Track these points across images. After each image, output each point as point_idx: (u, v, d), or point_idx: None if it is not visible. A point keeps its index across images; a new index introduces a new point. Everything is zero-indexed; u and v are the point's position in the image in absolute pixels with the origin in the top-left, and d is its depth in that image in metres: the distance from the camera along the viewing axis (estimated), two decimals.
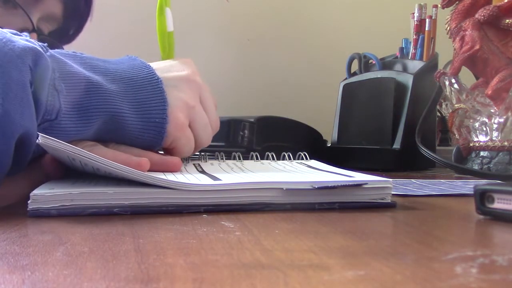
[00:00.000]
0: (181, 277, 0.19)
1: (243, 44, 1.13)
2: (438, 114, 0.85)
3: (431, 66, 0.78)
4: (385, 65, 0.83)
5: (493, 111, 0.64)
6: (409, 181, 0.54)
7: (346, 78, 0.86)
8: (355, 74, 0.86)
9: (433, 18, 0.81)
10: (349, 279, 0.19)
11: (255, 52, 1.14)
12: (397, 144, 0.74)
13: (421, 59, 0.80)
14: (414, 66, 0.79)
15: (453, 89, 0.68)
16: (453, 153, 0.70)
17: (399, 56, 0.83)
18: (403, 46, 0.84)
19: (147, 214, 0.32)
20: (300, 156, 0.53)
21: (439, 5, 0.74)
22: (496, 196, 0.31)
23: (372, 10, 1.17)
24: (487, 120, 0.65)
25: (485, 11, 0.65)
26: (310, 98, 1.11)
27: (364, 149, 0.77)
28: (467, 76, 0.72)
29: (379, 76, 0.80)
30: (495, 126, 0.64)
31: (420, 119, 0.71)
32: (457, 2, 0.69)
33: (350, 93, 0.84)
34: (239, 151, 0.54)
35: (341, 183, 0.35)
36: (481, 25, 0.65)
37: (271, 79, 1.13)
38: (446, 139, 0.94)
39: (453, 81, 0.68)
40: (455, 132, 0.70)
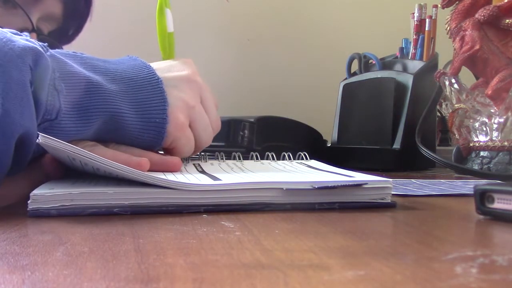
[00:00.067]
0: (181, 277, 0.19)
1: (243, 44, 1.13)
2: (438, 114, 0.85)
3: (431, 66, 0.78)
4: (385, 65, 0.83)
5: (493, 111, 0.64)
6: (409, 181, 0.54)
7: (346, 78, 0.86)
8: (355, 74, 0.86)
9: (433, 18, 0.81)
10: (349, 279, 0.19)
11: (255, 52, 1.14)
12: (397, 144, 0.74)
13: (421, 59, 0.80)
14: (414, 66, 0.79)
15: (453, 89, 0.68)
16: (453, 153, 0.70)
17: (399, 56, 0.83)
18: (403, 46, 0.84)
19: (147, 214, 0.32)
20: (300, 156, 0.53)
21: (439, 5, 0.74)
22: (496, 196, 0.31)
23: (372, 10, 1.17)
24: (487, 120, 0.65)
25: (485, 11, 0.65)
26: (310, 98, 1.11)
27: (364, 149, 0.77)
28: (467, 76, 0.72)
29: (379, 76, 0.80)
30: (495, 126, 0.64)
31: (420, 119, 0.71)
32: (457, 2, 0.69)
33: (350, 93, 0.84)
34: (239, 151, 0.54)
35: (341, 183, 0.35)
36: (481, 25, 0.65)
37: (271, 79, 1.13)
38: (446, 139, 0.94)
39: (453, 81, 0.68)
40: (455, 132, 0.70)
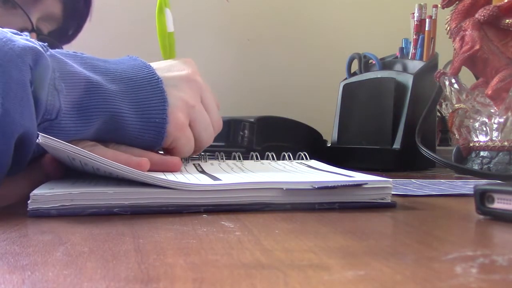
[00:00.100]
0: (181, 277, 0.19)
1: (243, 44, 1.13)
2: (438, 114, 0.85)
3: (431, 66, 0.78)
4: (385, 65, 0.83)
5: (493, 111, 0.64)
6: (409, 181, 0.54)
7: (346, 78, 0.86)
8: (355, 74, 0.86)
9: (433, 18, 0.81)
10: (349, 279, 0.19)
11: (255, 52, 1.14)
12: (397, 144, 0.74)
13: (421, 59, 0.80)
14: (414, 66, 0.79)
15: (453, 89, 0.68)
16: (453, 153, 0.70)
17: (399, 56, 0.83)
18: (403, 46, 0.84)
19: (147, 214, 0.32)
20: (300, 156, 0.53)
21: (439, 5, 0.74)
22: (496, 196, 0.31)
23: (372, 10, 1.17)
24: (487, 120, 0.65)
25: (485, 11, 0.65)
26: (310, 98, 1.11)
27: (364, 149, 0.77)
28: (467, 76, 0.72)
29: (379, 76, 0.80)
30: (495, 126, 0.64)
31: (420, 119, 0.71)
32: (457, 2, 0.69)
33: (350, 93, 0.84)
34: (239, 151, 0.54)
35: (341, 183, 0.35)
36: (481, 25, 0.65)
37: (271, 79, 1.13)
38: (446, 139, 0.94)
39: (453, 81, 0.68)
40: (455, 132, 0.70)
